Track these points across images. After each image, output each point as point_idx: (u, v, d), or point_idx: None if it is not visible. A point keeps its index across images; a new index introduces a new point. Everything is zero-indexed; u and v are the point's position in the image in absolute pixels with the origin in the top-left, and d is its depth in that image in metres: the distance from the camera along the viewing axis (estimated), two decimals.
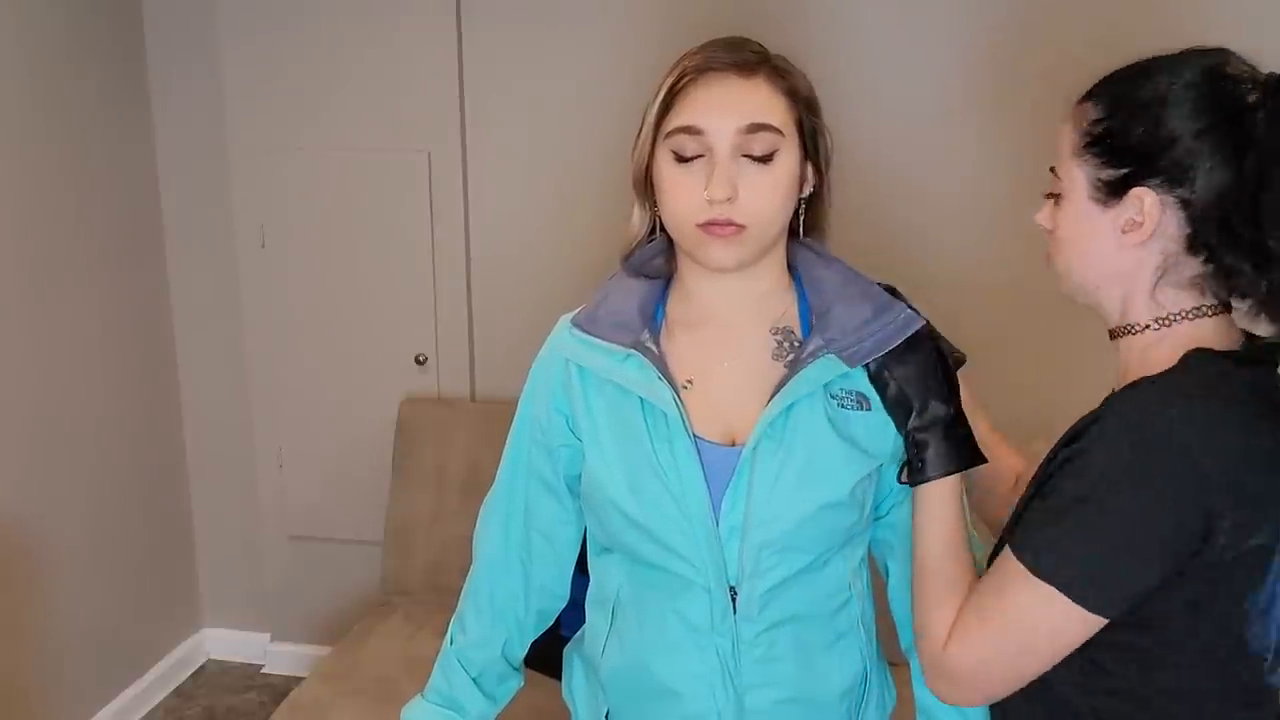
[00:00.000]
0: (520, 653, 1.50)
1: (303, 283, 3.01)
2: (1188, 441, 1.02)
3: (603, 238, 1.42)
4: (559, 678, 1.51)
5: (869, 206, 2.60)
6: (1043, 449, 2.68)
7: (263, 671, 3.32)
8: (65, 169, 2.78)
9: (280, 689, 3.11)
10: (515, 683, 1.51)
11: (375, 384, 3.02)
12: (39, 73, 2.68)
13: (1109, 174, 1.11)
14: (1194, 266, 1.11)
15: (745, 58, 1.22)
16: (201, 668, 3.37)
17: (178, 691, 3.24)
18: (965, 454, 1.23)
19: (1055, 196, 1.18)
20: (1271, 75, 1.08)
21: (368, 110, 2.90)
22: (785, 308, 1.31)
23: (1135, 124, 1.09)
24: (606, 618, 1.35)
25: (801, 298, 1.32)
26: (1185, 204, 1.08)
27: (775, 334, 1.29)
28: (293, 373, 3.08)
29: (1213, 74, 1.08)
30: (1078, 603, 1.06)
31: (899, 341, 1.24)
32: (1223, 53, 1.10)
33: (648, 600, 1.30)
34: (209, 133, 3.05)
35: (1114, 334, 1.18)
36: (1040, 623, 1.08)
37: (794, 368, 1.25)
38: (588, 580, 1.43)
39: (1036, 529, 1.09)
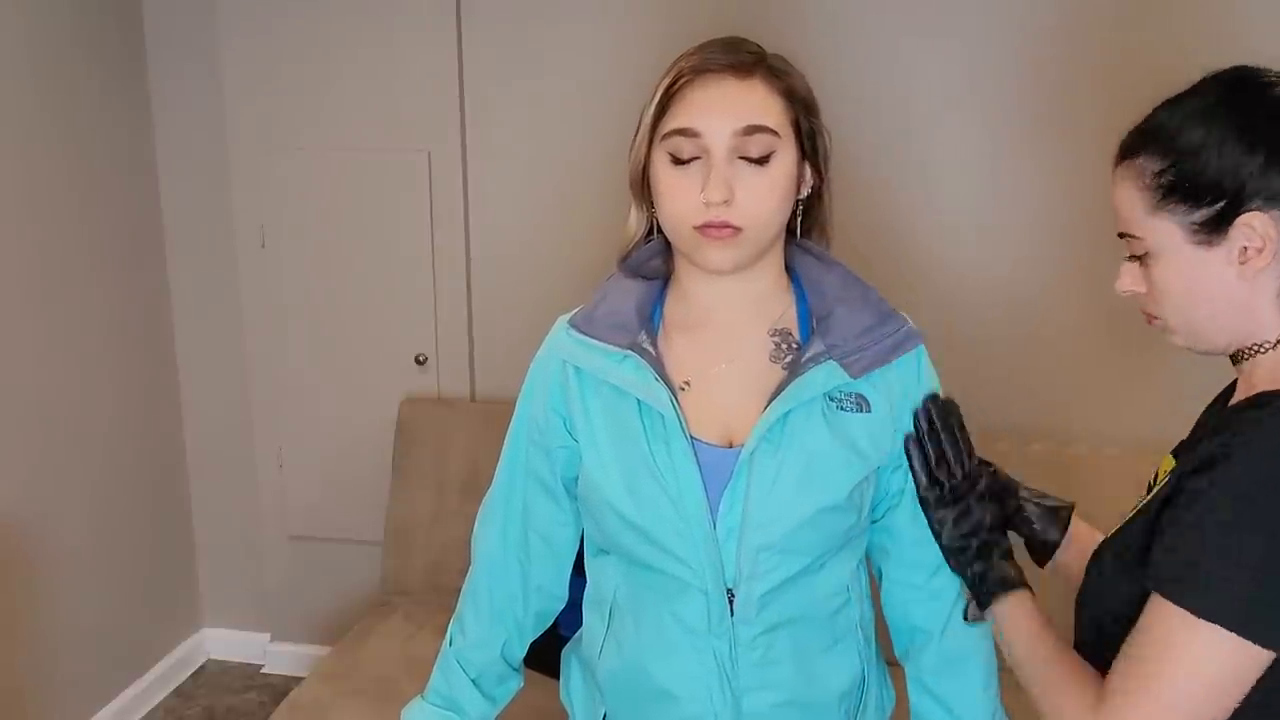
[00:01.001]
0: (520, 653, 1.50)
1: (303, 283, 3.01)
2: None
3: (603, 238, 1.42)
4: (558, 677, 1.51)
5: (868, 208, 2.61)
6: (1041, 450, 2.66)
7: (263, 671, 3.32)
8: (66, 169, 2.78)
9: (280, 689, 3.11)
10: (515, 684, 1.51)
11: (375, 384, 3.02)
12: (40, 73, 2.68)
13: (1203, 214, 1.08)
14: None
15: (741, 59, 1.21)
16: (201, 668, 3.37)
17: (178, 691, 3.24)
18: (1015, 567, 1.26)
19: (1139, 259, 1.14)
20: None
21: (368, 110, 2.90)
22: (783, 309, 1.31)
23: (1207, 158, 1.07)
24: (603, 620, 1.35)
25: (800, 299, 1.32)
26: None
27: (773, 335, 1.29)
28: (293, 373, 3.07)
29: (1243, 84, 1.08)
30: (1252, 639, 0.99)
31: (899, 357, 1.25)
32: (1239, 67, 1.10)
33: (644, 602, 1.30)
34: (209, 133, 3.05)
35: (1237, 357, 1.14)
36: (1211, 669, 1.00)
37: (794, 370, 1.25)
38: (586, 581, 1.43)
39: (1186, 570, 1.02)
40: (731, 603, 1.25)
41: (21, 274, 2.64)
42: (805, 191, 1.28)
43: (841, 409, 1.26)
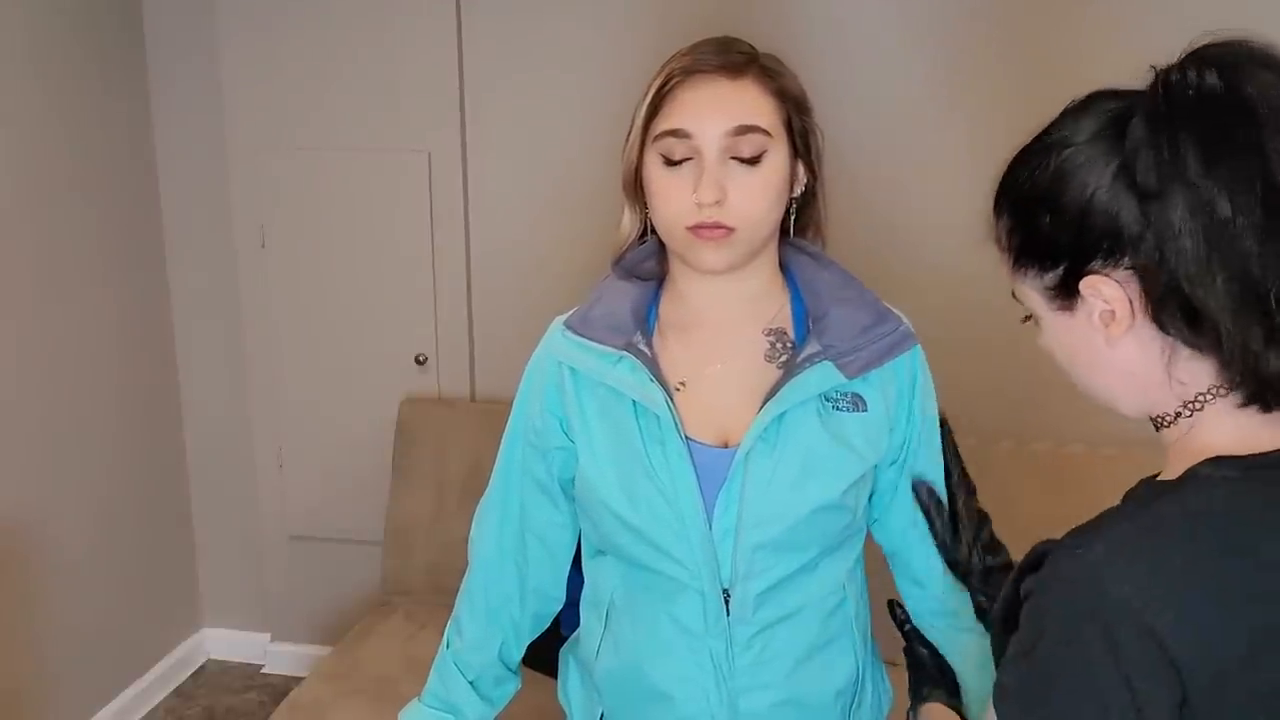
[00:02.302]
0: (517, 655, 1.50)
1: (303, 283, 3.01)
2: (1139, 607, 0.84)
3: (603, 238, 1.42)
4: (557, 677, 1.51)
5: (863, 206, 2.60)
6: (1040, 450, 2.65)
7: (263, 671, 3.32)
8: (65, 169, 2.78)
9: (280, 689, 3.11)
10: (512, 686, 1.51)
11: (375, 384, 3.02)
12: (39, 73, 2.68)
13: (1050, 278, 0.95)
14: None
15: (733, 59, 1.21)
16: (201, 668, 3.37)
17: (178, 691, 3.24)
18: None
19: (1032, 319, 1.03)
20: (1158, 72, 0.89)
21: (367, 110, 2.90)
22: (778, 308, 1.31)
23: (1039, 214, 0.93)
24: (600, 620, 1.35)
25: (795, 298, 1.32)
26: (1142, 271, 0.88)
27: (768, 335, 1.29)
28: (293, 372, 3.07)
29: (1088, 117, 0.92)
30: None
31: (895, 358, 1.25)
32: (1095, 94, 0.95)
33: (641, 603, 1.30)
34: (208, 132, 3.05)
35: (1154, 426, 0.99)
36: None
37: (789, 370, 1.25)
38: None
39: (1004, 671, 0.94)
40: (728, 603, 1.25)
41: (21, 274, 2.65)
42: (799, 190, 1.28)
43: (837, 409, 1.26)
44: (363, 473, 3.04)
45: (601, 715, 1.38)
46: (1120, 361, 0.94)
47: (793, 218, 1.29)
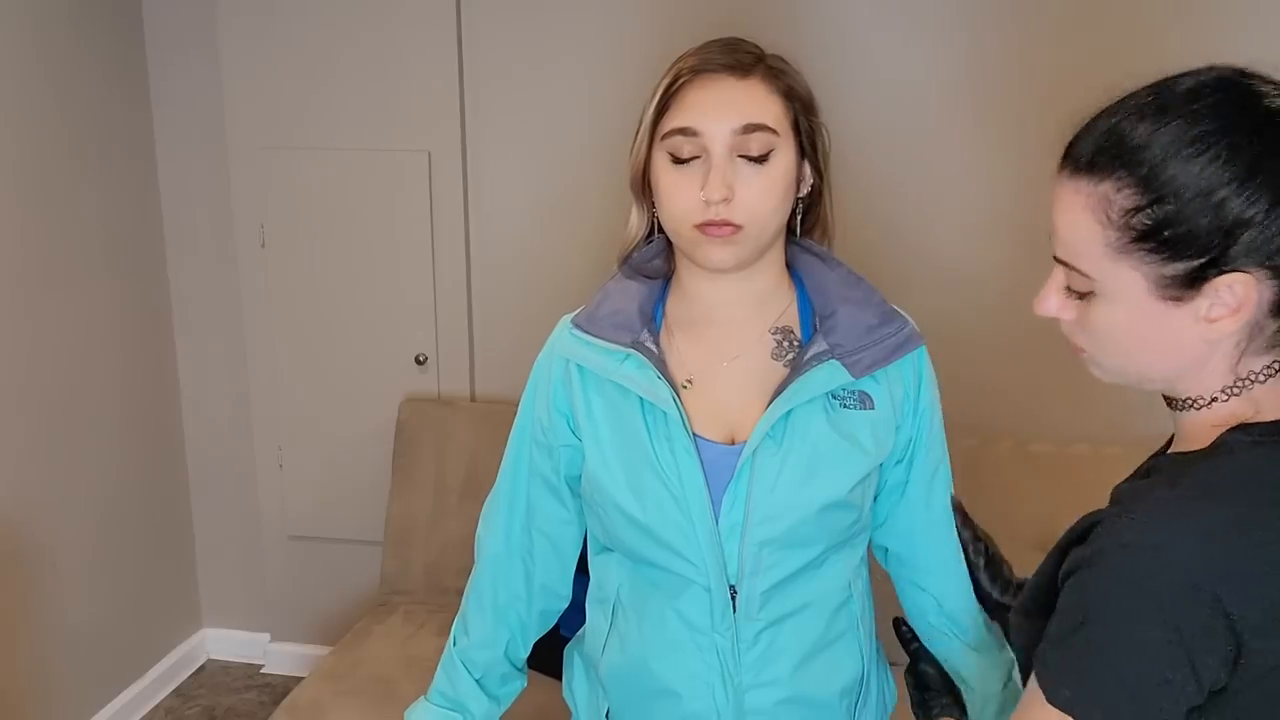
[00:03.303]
0: (523, 653, 1.50)
1: (303, 283, 3.01)
2: (1193, 569, 0.87)
3: (604, 237, 1.42)
4: (558, 677, 1.51)
5: (865, 206, 2.60)
6: (1041, 450, 2.65)
7: (263, 671, 3.32)
8: (64, 169, 2.78)
9: (280, 689, 3.11)
10: (519, 683, 1.51)
11: (375, 384, 3.02)
12: (38, 72, 2.68)
13: (1177, 268, 0.89)
14: (1274, 325, 0.92)
15: (740, 59, 1.22)
16: (201, 668, 3.37)
17: (178, 691, 3.24)
18: None
19: (1077, 294, 0.96)
20: None
21: (368, 110, 2.90)
22: (785, 307, 1.32)
23: (1201, 206, 0.88)
24: (607, 617, 1.35)
25: (801, 297, 1.32)
26: (1277, 271, 0.89)
27: (775, 333, 1.30)
28: (293, 373, 3.07)
29: (1242, 104, 0.89)
30: None
31: (901, 357, 1.26)
32: (1232, 77, 0.90)
33: (648, 599, 1.31)
34: (209, 132, 3.05)
35: (1173, 405, 1.00)
36: None
37: (795, 369, 1.25)
38: (588, 580, 1.43)
39: (1052, 649, 0.94)
40: (734, 599, 1.26)
41: (21, 274, 2.64)
42: (805, 190, 1.29)
43: (845, 406, 1.27)
44: (363, 473, 3.04)
45: (607, 712, 1.38)
46: (1199, 352, 0.94)
47: (799, 218, 1.30)
